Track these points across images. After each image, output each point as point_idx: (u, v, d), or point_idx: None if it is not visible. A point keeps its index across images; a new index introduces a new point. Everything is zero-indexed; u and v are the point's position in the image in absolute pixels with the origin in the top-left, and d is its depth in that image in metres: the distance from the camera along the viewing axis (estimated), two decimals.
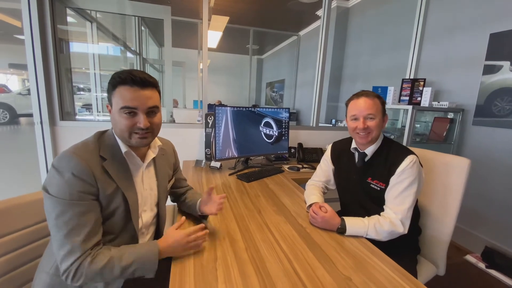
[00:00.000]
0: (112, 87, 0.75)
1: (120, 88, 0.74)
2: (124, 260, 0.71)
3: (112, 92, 0.76)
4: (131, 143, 0.80)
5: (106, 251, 0.71)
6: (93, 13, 2.68)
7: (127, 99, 0.74)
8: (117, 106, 0.75)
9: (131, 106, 0.74)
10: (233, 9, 4.26)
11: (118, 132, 0.79)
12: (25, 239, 0.84)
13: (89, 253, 0.69)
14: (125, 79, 0.74)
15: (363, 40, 3.55)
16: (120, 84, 0.74)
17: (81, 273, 0.66)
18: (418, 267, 1.12)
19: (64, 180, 0.67)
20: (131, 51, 3.86)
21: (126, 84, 0.74)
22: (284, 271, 0.74)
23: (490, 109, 2.00)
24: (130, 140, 0.78)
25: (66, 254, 0.66)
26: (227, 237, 0.90)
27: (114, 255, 0.71)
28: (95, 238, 0.71)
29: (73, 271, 0.66)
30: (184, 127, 2.09)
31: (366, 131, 1.06)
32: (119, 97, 0.74)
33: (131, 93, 0.74)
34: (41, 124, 1.77)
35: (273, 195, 1.33)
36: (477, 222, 2.12)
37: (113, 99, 0.76)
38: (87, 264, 0.67)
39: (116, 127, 0.78)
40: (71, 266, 0.66)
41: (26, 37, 1.68)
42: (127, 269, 0.71)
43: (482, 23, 2.06)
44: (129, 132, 0.77)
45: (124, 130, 0.76)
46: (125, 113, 0.75)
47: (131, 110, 0.75)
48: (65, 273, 0.66)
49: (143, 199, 0.88)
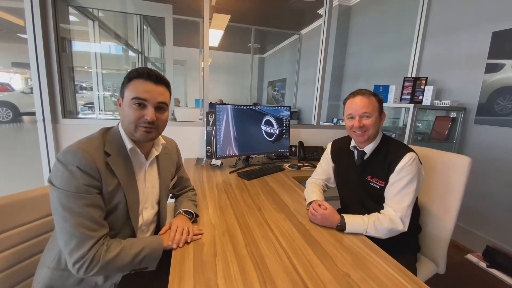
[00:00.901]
0: (127, 80, 0.79)
1: (135, 80, 0.78)
2: (134, 247, 0.74)
3: (126, 85, 0.79)
4: (135, 137, 0.81)
5: (117, 241, 0.74)
6: (95, 12, 2.69)
7: (140, 90, 0.78)
8: (129, 96, 0.78)
9: (142, 97, 0.78)
10: (235, 7, 4.25)
11: (126, 125, 0.80)
12: (26, 234, 0.85)
13: (103, 242, 0.70)
14: (142, 73, 0.78)
15: (365, 39, 3.53)
16: (136, 77, 0.78)
17: (97, 261, 0.67)
18: (418, 265, 1.12)
19: (69, 172, 0.68)
20: (133, 50, 3.87)
21: (141, 78, 0.78)
22: (283, 267, 0.74)
23: (492, 107, 1.99)
24: (135, 133, 0.80)
25: (77, 244, 0.66)
26: (226, 233, 0.91)
27: (125, 244, 0.74)
28: (104, 229, 0.73)
29: (90, 259, 0.66)
30: (185, 125, 2.10)
31: (362, 129, 1.06)
32: (132, 88, 0.78)
33: (145, 86, 0.78)
34: (43, 121, 1.79)
35: (273, 193, 1.33)
36: (478, 222, 2.11)
37: (126, 91, 0.79)
38: (104, 252, 0.69)
39: (124, 120, 0.80)
40: (87, 255, 0.66)
41: (28, 35, 1.69)
42: (137, 256, 0.74)
43: (484, 21, 2.04)
44: (135, 124, 0.79)
45: (131, 122, 0.78)
46: (135, 103, 0.78)
47: (141, 102, 0.78)
48: (79, 263, 0.66)
49: (144, 197, 0.89)
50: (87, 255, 0.66)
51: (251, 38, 5.57)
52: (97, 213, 0.71)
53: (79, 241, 0.66)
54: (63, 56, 1.88)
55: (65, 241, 0.67)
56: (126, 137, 0.82)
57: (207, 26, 2.02)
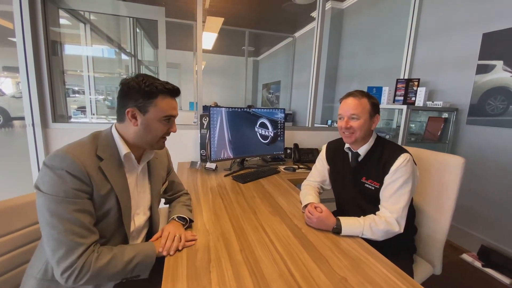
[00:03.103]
0: (152, 95, 0.78)
1: (163, 97, 0.80)
2: (126, 254, 0.72)
3: (151, 101, 0.78)
4: (154, 147, 0.86)
5: (108, 248, 0.72)
6: (86, 15, 2.66)
7: (170, 108, 0.82)
8: (160, 114, 0.80)
9: (174, 114, 0.83)
10: (228, 10, 4.26)
11: (149, 138, 0.82)
12: (13, 243, 0.82)
13: (93, 249, 0.68)
14: (168, 90, 0.80)
15: (358, 41, 3.56)
16: (162, 93, 0.79)
17: (87, 269, 0.64)
18: (414, 267, 1.12)
19: (58, 177, 0.66)
20: (126, 53, 3.83)
21: (168, 94, 0.81)
22: (279, 273, 0.73)
23: (484, 108, 2.01)
24: (156, 144, 0.84)
25: (66, 252, 0.63)
26: (221, 238, 0.89)
27: (116, 251, 0.72)
28: (95, 236, 0.70)
29: (80, 267, 0.64)
30: (179, 128, 2.04)
31: (349, 130, 1.07)
32: (162, 106, 0.80)
33: (174, 103, 0.84)
34: (33, 126, 1.75)
35: (269, 196, 1.32)
36: (473, 221, 2.13)
37: (151, 107, 0.78)
38: (94, 259, 0.66)
39: (149, 134, 0.81)
40: (77, 263, 0.63)
41: (17, 39, 1.66)
42: (129, 263, 0.71)
43: (474, 23, 2.08)
44: (161, 137, 0.84)
45: (158, 136, 0.83)
46: (165, 120, 0.82)
47: (171, 118, 0.83)
48: (67, 271, 0.63)
49: (136, 202, 0.87)
50: (76, 263, 0.63)
51: (245, 41, 5.58)
52: (87, 219, 0.69)
53: (68, 249, 0.63)
54: (54, 59, 1.84)
55: (53, 249, 0.64)
56: (121, 142, 0.80)
57: (201, 29, 2.01)
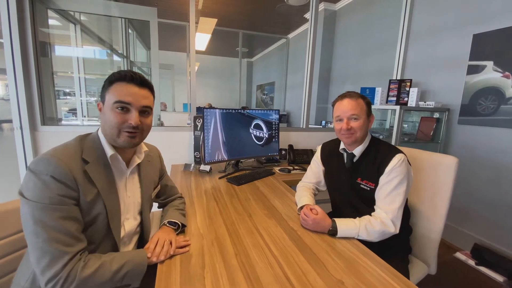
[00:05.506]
0: (109, 83, 0.75)
1: (117, 83, 0.75)
2: (115, 263, 0.69)
3: (108, 88, 0.75)
4: (118, 143, 0.77)
5: (96, 256, 0.69)
6: (77, 15, 2.61)
7: (123, 94, 0.74)
8: (111, 100, 0.74)
9: (125, 101, 0.74)
10: (222, 11, 4.24)
11: (108, 130, 0.76)
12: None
13: (80, 257, 0.65)
14: (125, 76, 0.75)
15: (351, 42, 3.59)
16: (118, 80, 0.75)
17: (73, 279, 0.62)
18: (410, 267, 1.12)
19: (42, 183, 0.63)
20: (118, 54, 3.78)
21: (124, 80, 0.75)
22: (274, 277, 0.71)
23: (475, 108, 2.04)
24: (118, 138, 0.76)
25: (51, 261, 0.61)
26: (215, 242, 0.87)
27: (105, 259, 0.69)
28: (81, 244, 0.67)
29: (64, 277, 0.61)
30: (172, 130, 2.04)
31: (349, 131, 1.06)
32: (114, 92, 0.74)
33: (128, 89, 0.75)
34: (21, 129, 1.70)
35: (264, 198, 1.30)
36: (465, 220, 2.16)
37: (107, 95, 0.75)
38: (80, 268, 0.63)
39: (106, 125, 0.76)
40: (62, 272, 0.61)
41: (5, 39, 1.61)
42: (118, 272, 0.68)
43: (465, 24, 2.11)
44: (119, 130, 0.75)
45: (113, 127, 0.74)
46: (117, 108, 0.74)
47: (125, 106, 0.74)
48: (52, 281, 0.60)
49: (126, 207, 0.84)
50: (61, 273, 0.61)
51: (239, 42, 5.57)
52: (73, 226, 0.66)
53: (52, 258, 0.61)
54: (44, 61, 1.80)
55: (37, 258, 0.61)
56: (106, 143, 0.78)
57: (194, 30, 1.99)
